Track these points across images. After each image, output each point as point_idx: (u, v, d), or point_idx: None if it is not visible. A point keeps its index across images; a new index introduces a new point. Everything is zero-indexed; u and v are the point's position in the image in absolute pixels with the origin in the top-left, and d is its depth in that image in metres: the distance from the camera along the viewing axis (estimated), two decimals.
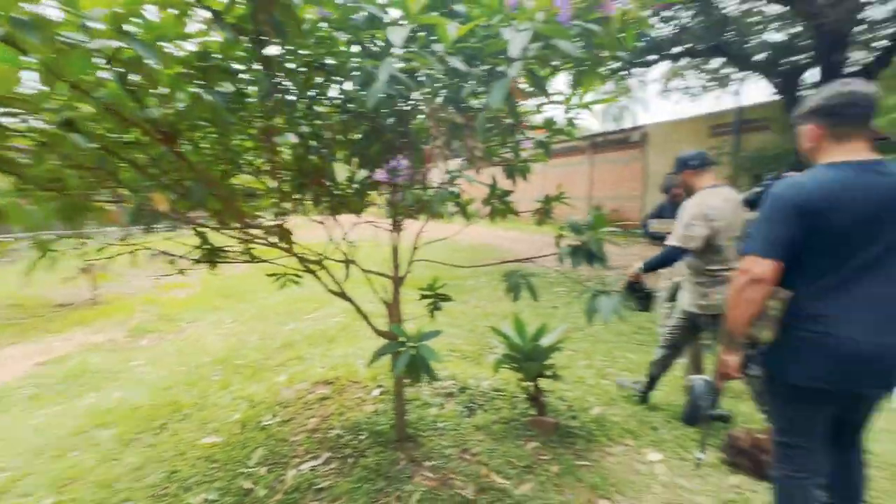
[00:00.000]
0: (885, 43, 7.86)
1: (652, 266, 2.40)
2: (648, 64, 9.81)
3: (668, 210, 3.45)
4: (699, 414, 1.96)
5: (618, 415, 2.67)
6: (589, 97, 1.80)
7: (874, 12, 8.20)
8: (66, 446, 2.62)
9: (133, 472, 2.29)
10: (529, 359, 2.46)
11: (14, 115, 1.17)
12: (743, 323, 1.40)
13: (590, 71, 1.65)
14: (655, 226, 3.38)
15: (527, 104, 1.93)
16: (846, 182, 1.29)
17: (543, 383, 2.65)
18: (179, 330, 5.19)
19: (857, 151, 1.33)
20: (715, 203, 2.28)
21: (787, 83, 8.23)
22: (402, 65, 1.32)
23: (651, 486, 2.03)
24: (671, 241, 2.35)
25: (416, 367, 1.47)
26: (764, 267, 1.33)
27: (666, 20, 8.56)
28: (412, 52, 1.24)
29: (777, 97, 8.82)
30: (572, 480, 2.05)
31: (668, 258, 2.36)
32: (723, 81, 11.78)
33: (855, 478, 1.52)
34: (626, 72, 11.09)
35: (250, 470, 2.19)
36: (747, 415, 2.63)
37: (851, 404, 1.45)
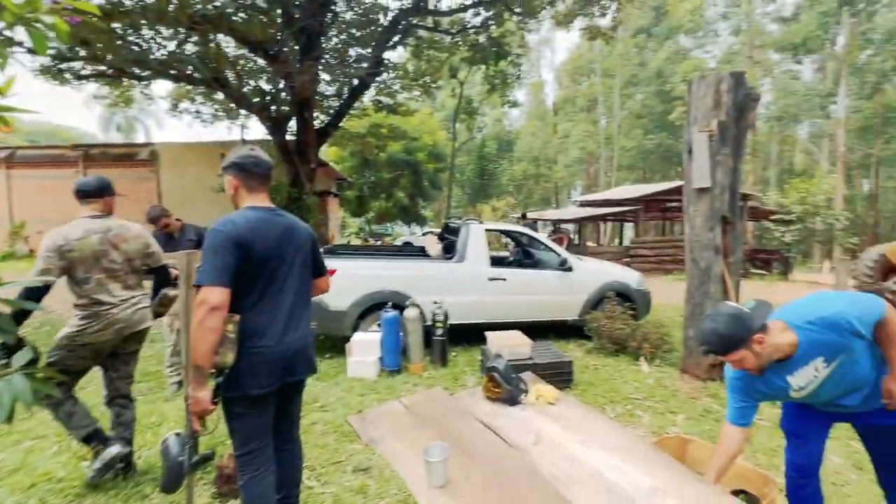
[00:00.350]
0: (332, 112, 10.98)
1: (16, 317, 1.88)
2: (140, 78, 8.95)
3: (160, 241, 3.17)
4: (182, 473, 1.75)
5: None
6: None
7: (326, 88, 11.28)
8: None
9: None
10: None
11: None
12: (209, 352, 1.45)
13: None
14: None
15: None
16: (263, 221, 1.61)
17: None
18: None
19: (263, 200, 1.70)
20: (75, 235, 2.16)
21: (276, 127, 9.83)
22: None
23: None
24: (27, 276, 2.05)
25: None
26: (218, 295, 1.44)
27: (156, 38, 8.11)
28: None
29: (269, 137, 10.29)
30: None
31: (28, 297, 1.96)
32: (231, 114, 12.60)
33: (293, 461, 1.87)
34: (118, 80, 9.69)
35: None
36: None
37: (288, 395, 1.77)
